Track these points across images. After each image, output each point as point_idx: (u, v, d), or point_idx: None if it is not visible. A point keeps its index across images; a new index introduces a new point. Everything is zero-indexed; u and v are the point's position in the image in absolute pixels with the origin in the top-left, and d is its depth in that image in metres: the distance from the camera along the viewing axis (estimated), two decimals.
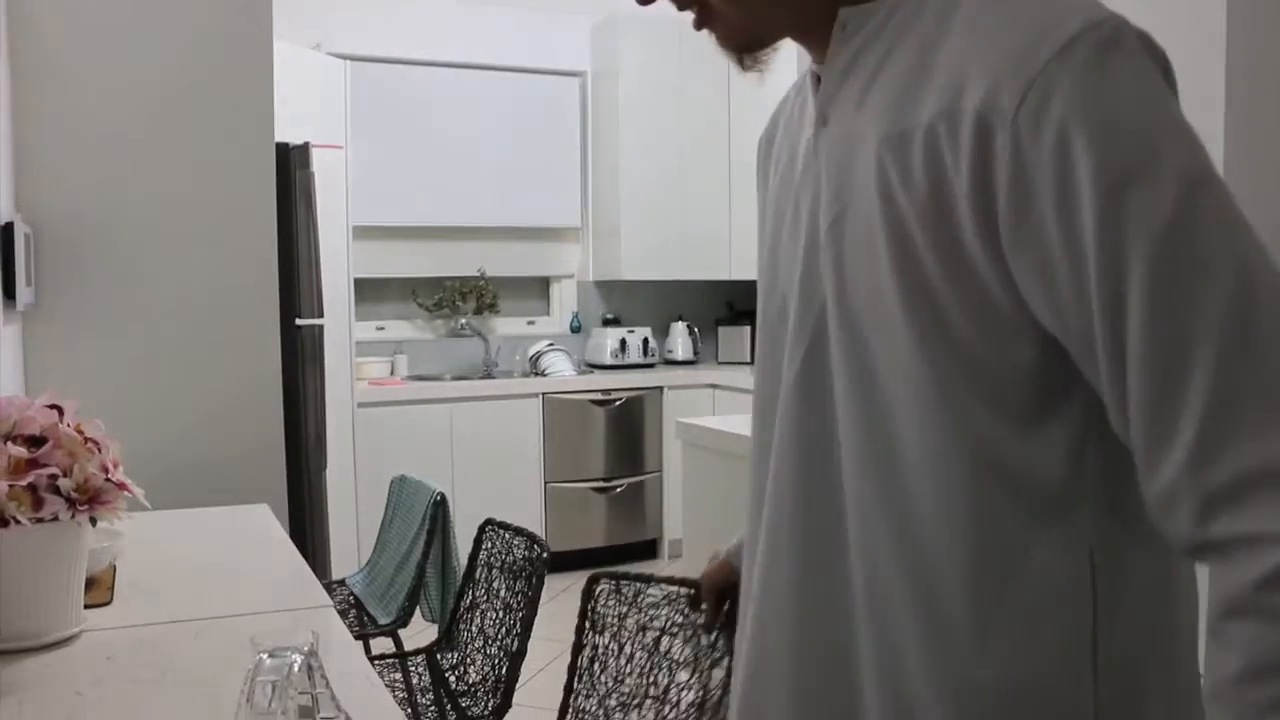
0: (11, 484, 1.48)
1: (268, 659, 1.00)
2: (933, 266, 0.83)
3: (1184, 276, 0.73)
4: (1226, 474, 0.71)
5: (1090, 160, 0.75)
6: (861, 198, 0.89)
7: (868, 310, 0.89)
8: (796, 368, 0.97)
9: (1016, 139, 0.77)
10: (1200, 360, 0.72)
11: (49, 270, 2.84)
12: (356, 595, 3.09)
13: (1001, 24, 0.81)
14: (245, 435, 3.05)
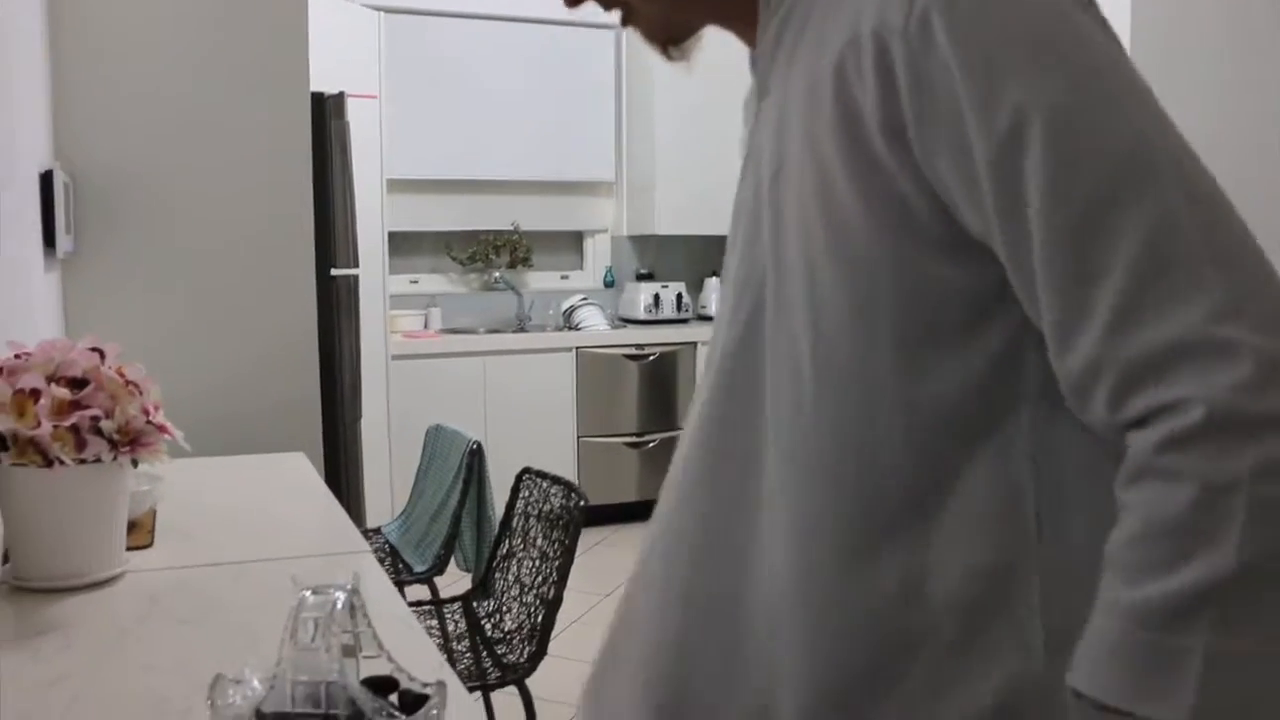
0: (55, 425, 1.49)
1: (311, 596, 1.00)
2: (852, 196, 0.79)
3: (1083, 146, 0.71)
4: (1145, 346, 0.68)
5: (979, 54, 0.72)
6: (792, 149, 0.86)
7: (800, 257, 0.84)
8: (737, 330, 0.92)
9: (910, 49, 0.75)
10: (1114, 228, 0.69)
11: (87, 219, 2.86)
12: (392, 543, 3.11)
13: None
14: (281, 384, 3.07)
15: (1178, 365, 0.67)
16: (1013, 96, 0.71)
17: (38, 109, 2.55)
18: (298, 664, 0.97)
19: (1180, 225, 0.69)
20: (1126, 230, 0.69)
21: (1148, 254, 0.68)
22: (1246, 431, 0.65)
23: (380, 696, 1.02)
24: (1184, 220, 0.69)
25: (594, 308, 5.80)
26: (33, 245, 2.30)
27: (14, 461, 1.50)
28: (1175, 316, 0.67)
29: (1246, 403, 0.65)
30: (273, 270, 3.07)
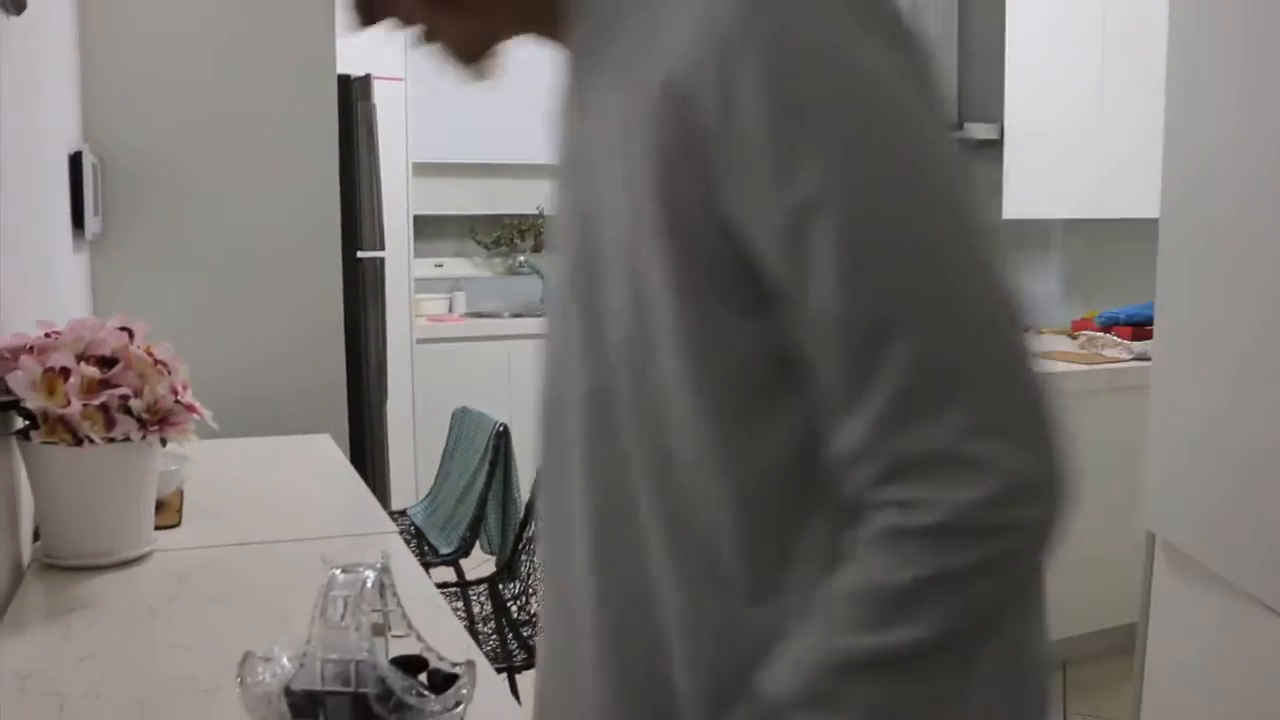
0: (85, 403, 1.49)
1: (341, 574, 0.99)
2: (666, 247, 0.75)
3: (876, 246, 0.70)
4: (908, 447, 0.70)
5: (785, 117, 0.69)
6: (596, 186, 0.82)
7: (625, 302, 0.79)
8: (548, 385, 0.92)
9: (711, 101, 0.71)
10: (895, 334, 0.70)
11: (115, 201, 2.86)
12: (417, 525, 3.12)
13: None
14: (307, 366, 3.07)
15: (932, 471, 0.70)
16: (812, 173, 0.69)
17: (67, 91, 2.55)
18: (327, 642, 0.97)
19: (957, 339, 0.71)
20: (907, 337, 0.69)
21: (922, 365, 0.70)
22: (975, 536, 0.70)
23: (409, 675, 1.02)
24: (962, 334, 0.71)
25: None
26: (61, 227, 2.30)
27: (44, 440, 1.51)
28: (937, 427, 0.70)
29: (981, 516, 0.70)
30: (299, 252, 3.07)
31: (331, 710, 0.95)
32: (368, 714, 0.95)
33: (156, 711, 1.14)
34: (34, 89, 1.98)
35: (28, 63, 1.91)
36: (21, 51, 1.85)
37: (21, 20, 1.76)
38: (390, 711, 0.95)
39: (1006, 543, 0.72)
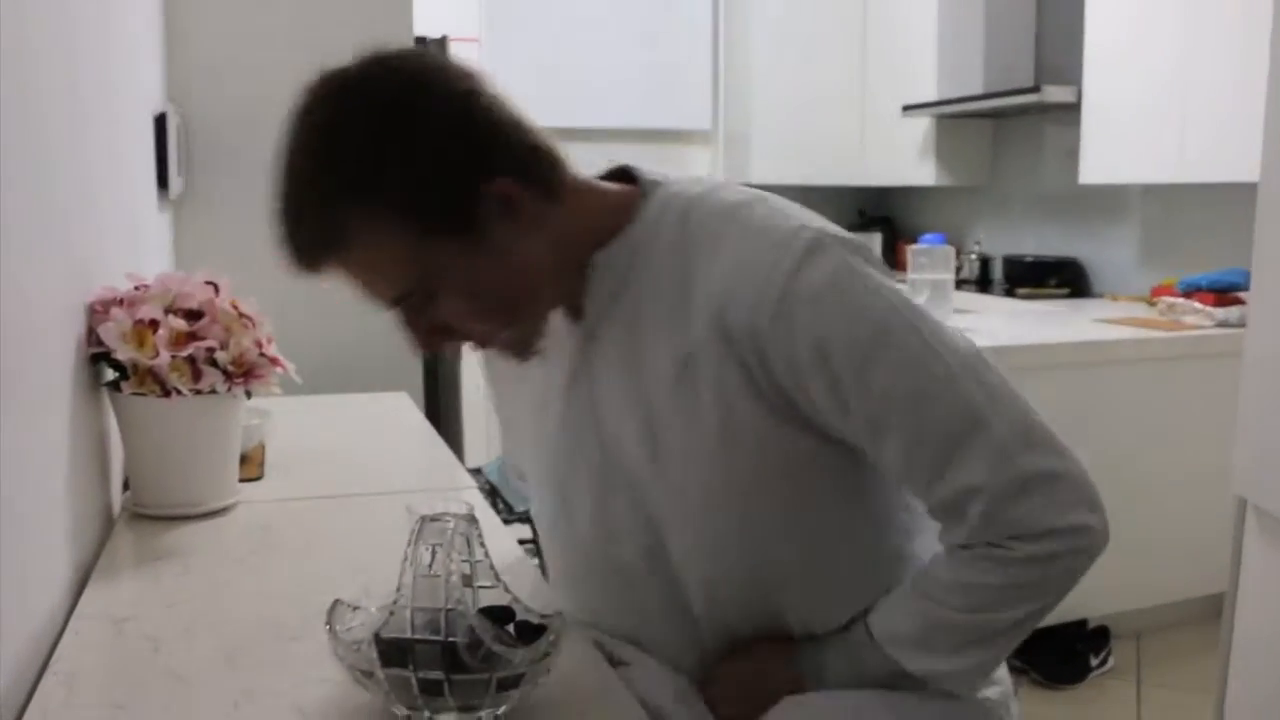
0: (173, 355, 1.51)
1: (430, 523, 1.00)
2: (759, 436, 1.13)
3: (913, 408, 1.09)
4: (1011, 515, 1.13)
5: (840, 359, 1.07)
6: (663, 407, 1.15)
7: (695, 494, 1.17)
8: (647, 544, 1.22)
9: (784, 346, 1.08)
10: (963, 458, 1.11)
11: (197, 161, 2.90)
12: (493, 483, 3.14)
13: (735, 258, 1.10)
14: (383, 324, 3.08)
15: (1021, 530, 1.13)
16: (876, 385, 1.08)
17: (152, 53, 2.58)
18: (417, 591, 0.98)
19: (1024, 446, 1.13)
20: (970, 435, 1.10)
21: (991, 462, 1.11)
22: (1042, 563, 1.14)
23: (498, 626, 1.02)
24: (1025, 442, 1.13)
25: None
26: (147, 186, 2.34)
27: (134, 391, 1.53)
28: (1023, 505, 1.12)
29: (1048, 551, 1.14)
30: None
31: (421, 658, 0.96)
32: (457, 663, 0.96)
33: (245, 656, 1.16)
34: (120, 51, 2.00)
35: (113, 26, 1.93)
36: (107, 15, 1.87)
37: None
38: (479, 661, 0.96)
39: (1065, 564, 1.15)
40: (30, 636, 1.15)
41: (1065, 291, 4.71)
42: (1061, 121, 4.83)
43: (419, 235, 1.07)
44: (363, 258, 1.10)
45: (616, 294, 1.17)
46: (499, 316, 1.14)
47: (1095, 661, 3.29)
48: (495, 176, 1.09)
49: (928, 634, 1.16)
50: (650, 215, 1.18)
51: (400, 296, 1.12)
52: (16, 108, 1.16)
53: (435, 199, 1.07)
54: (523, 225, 1.11)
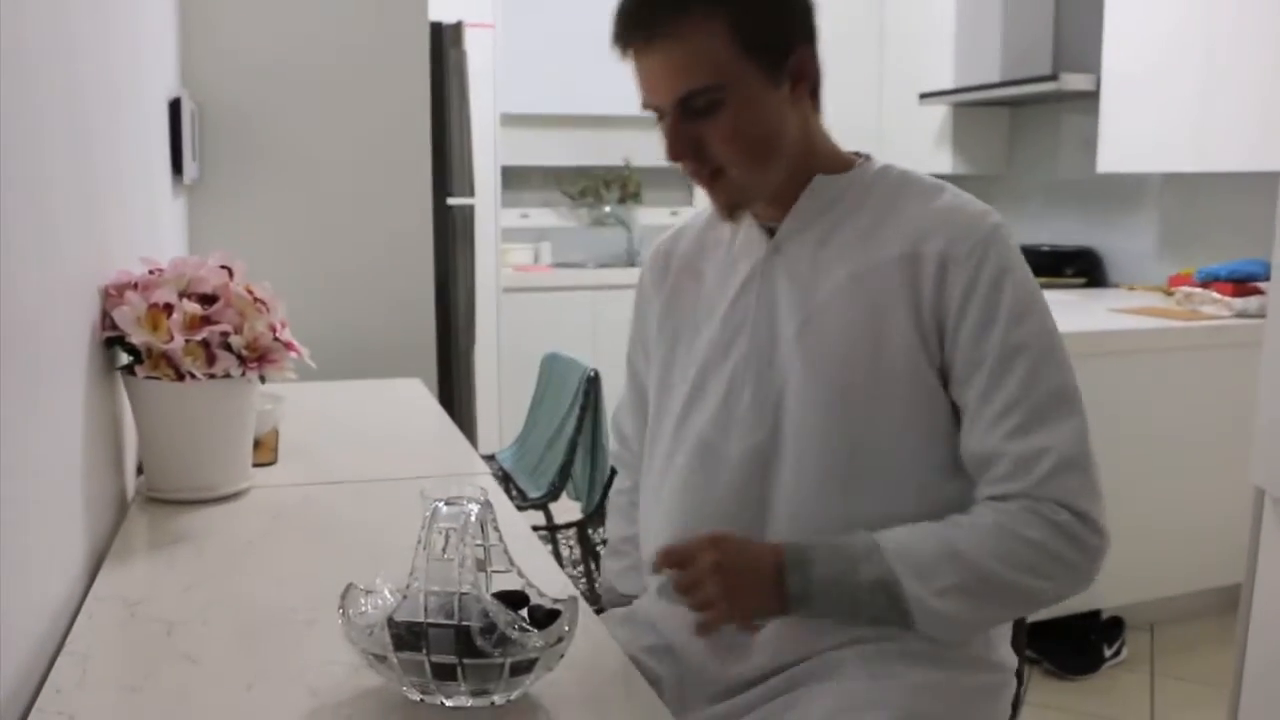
0: (187, 339, 1.51)
1: (444, 508, 1.00)
2: (885, 346, 1.27)
3: (1039, 364, 1.26)
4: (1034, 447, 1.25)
5: (1009, 296, 1.26)
6: (828, 308, 1.30)
7: (837, 386, 1.29)
8: (765, 430, 1.33)
9: (970, 272, 1.25)
10: (1056, 409, 1.26)
11: (211, 147, 2.90)
12: (506, 470, 3.14)
13: (947, 206, 1.31)
14: (398, 311, 3.09)
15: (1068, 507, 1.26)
16: (1023, 330, 1.26)
17: (166, 39, 2.58)
18: (431, 575, 0.98)
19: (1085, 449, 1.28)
20: (1065, 411, 1.26)
21: (1072, 438, 1.26)
22: (1080, 541, 1.27)
23: (512, 610, 1.02)
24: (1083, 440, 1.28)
25: None
26: (161, 171, 2.34)
27: (148, 375, 1.53)
28: (1076, 481, 1.27)
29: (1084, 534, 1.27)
30: (390, 199, 3.09)
31: (434, 642, 0.96)
32: (470, 647, 0.96)
33: (258, 640, 1.16)
34: (135, 36, 2.00)
35: (129, 10, 1.93)
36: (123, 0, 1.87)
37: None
38: (493, 645, 0.95)
39: (1082, 556, 1.25)
40: (45, 618, 1.15)
41: (1081, 281, 4.68)
42: (1079, 109, 4.80)
43: (738, 50, 1.24)
44: (690, 44, 1.25)
45: (815, 219, 1.34)
46: (750, 153, 1.29)
47: (1109, 652, 3.28)
48: (807, 47, 1.30)
49: (938, 562, 1.21)
50: (870, 170, 1.37)
51: (695, 92, 1.26)
52: (33, 93, 1.15)
53: (765, 32, 1.26)
54: (798, 100, 1.30)
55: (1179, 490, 3.44)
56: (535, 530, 2.58)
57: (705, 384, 1.40)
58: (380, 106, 3.05)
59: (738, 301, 1.39)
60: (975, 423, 1.26)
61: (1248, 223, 4.07)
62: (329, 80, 3.00)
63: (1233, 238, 4.11)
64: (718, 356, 1.39)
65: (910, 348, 1.27)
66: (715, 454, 1.37)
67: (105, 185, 1.60)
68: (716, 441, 1.37)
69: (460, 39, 3.48)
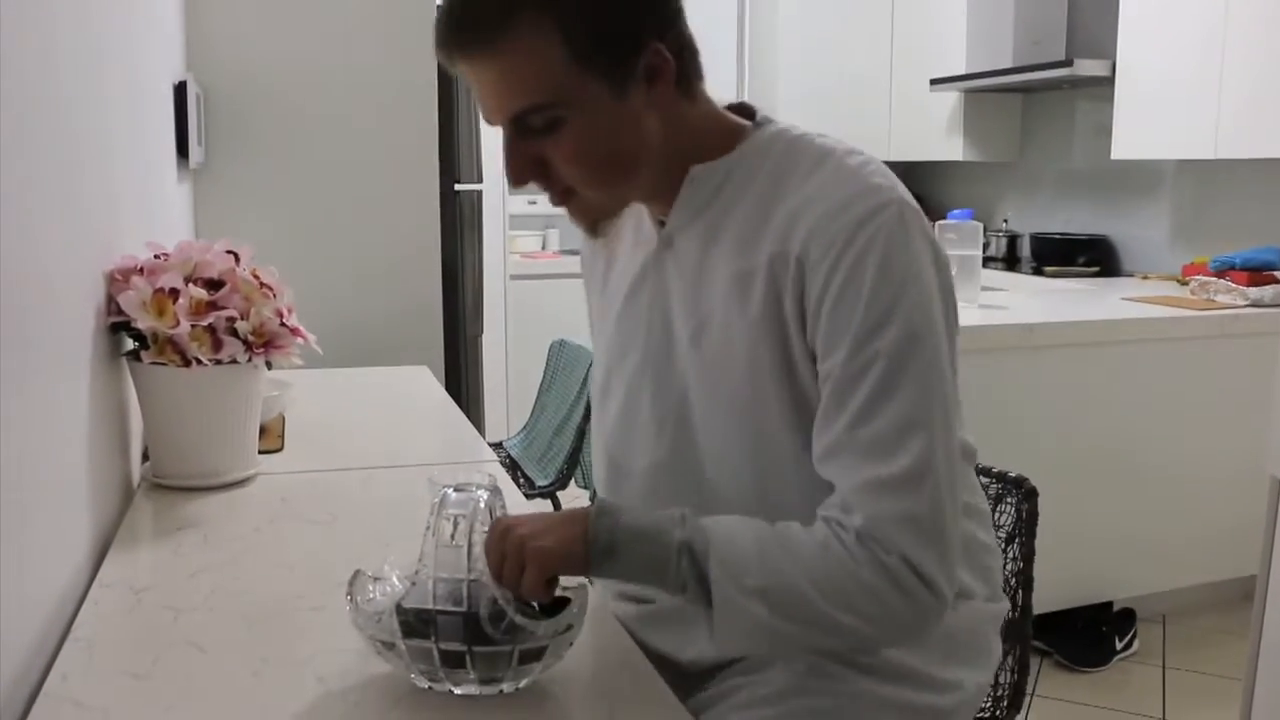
0: (193, 324, 1.50)
1: (453, 493, 0.98)
2: (771, 357, 1.16)
3: (888, 384, 1.09)
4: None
5: (863, 303, 1.09)
6: (712, 316, 1.20)
7: (727, 391, 1.20)
8: (666, 444, 1.26)
9: (823, 276, 1.11)
10: (897, 407, 1.10)
11: (217, 131, 2.88)
12: (513, 457, 3.13)
13: (818, 191, 1.14)
14: (405, 297, 3.08)
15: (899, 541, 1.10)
16: (876, 343, 1.10)
17: (171, 22, 2.56)
18: (439, 561, 0.96)
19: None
20: (912, 442, 1.09)
21: (899, 483, 1.09)
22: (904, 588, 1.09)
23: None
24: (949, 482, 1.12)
25: None
26: (167, 155, 2.32)
27: (154, 360, 1.52)
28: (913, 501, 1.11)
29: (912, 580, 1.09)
30: (397, 184, 3.07)
31: (443, 629, 0.94)
32: (479, 634, 0.94)
33: (265, 626, 1.15)
34: (140, 19, 1.98)
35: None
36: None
37: None
38: (502, 633, 0.94)
39: (903, 607, 1.08)
40: (51, 604, 1.14)
41: (1094, 270, 4.65)
42: (1094, 96, 4.77)
43: (573, 60, 1.09)
44: (514, 57, 1.09)
45: (701, 210, 1.22)
46: (599, 173, 1.16)
47: (1120, 645, 3.26)
48: (657, 43, 1.13)
49: (750, 559, 1.07)
50: (754, 146, 1.22)
51: (527, 110, 1.12)
52: (39, 76, 1.14)
53: (603, 35, 1.10)
54: (656, 101, 1.15)
55: (1192, 481, 3.42)
56: None
57: (609, 390, 1.35)
58: (387, 91, 3.04)
59: (631, 301, 1.30)
60: (815, 440, 1.14)
61: (1263, 211, 4.04)
62: (335, 64, 2.99)
63: (1248, 226, 4.08)
64: (615, 361, 1.33)
65: (786, 358, 1.16)
66: (619, 470, 1.32)
67: (110, 169, 1.58)
68: (619, 457, 1.32)
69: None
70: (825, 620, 1.07)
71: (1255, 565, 2.12)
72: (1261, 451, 2.07)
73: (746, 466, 1.20)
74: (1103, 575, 3.37)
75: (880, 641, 1.18)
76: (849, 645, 1.18)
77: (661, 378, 1.26)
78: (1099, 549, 3.33)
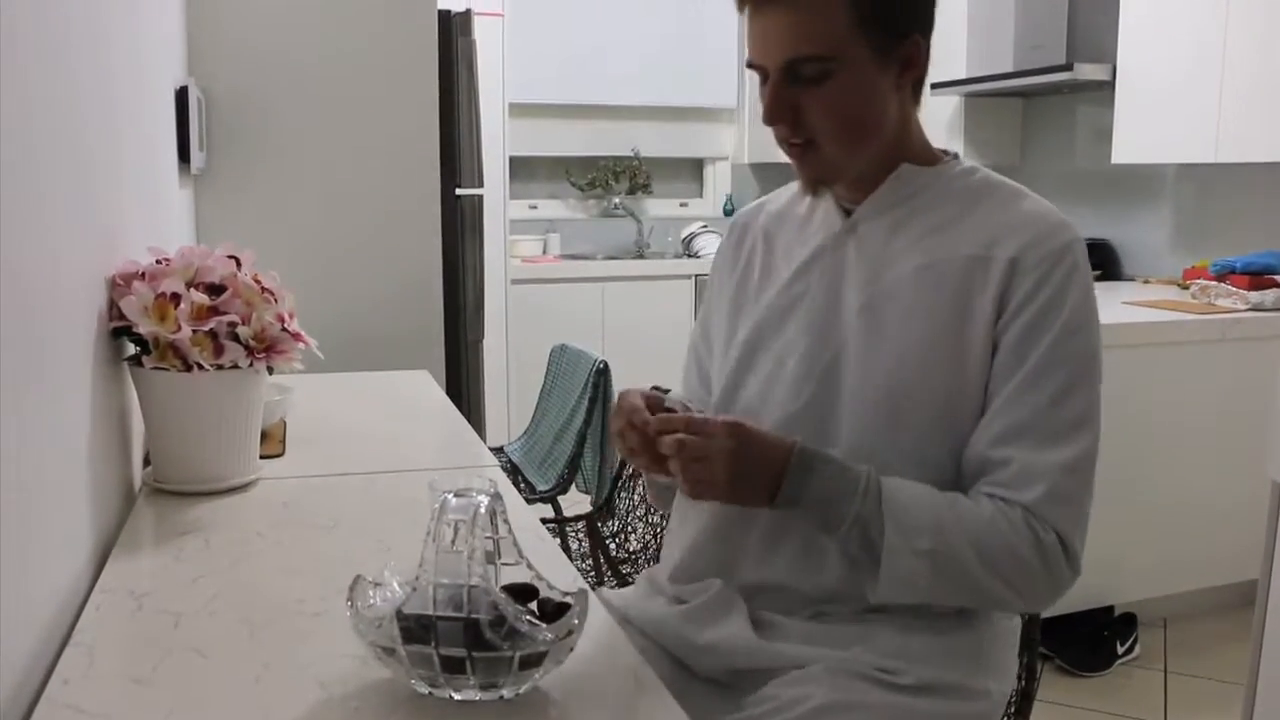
0: (195, 329, 1.50)
1: (453, 499, 0.98)
2: (946, 341, 1.28)
3: (1074, 382, 1.27)
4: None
5: (1068, 309, 1.27)
6: (891, 295, 1.32)
7: (889, 363, 1.30)
8: (805, 398, 1.35)
9: (1037, 278, 1.27)
10: (1068, 417, 1.27)
11: (218, 136, 2.89)
12: (514, 462, 3.13)
13: (1029, 214, 1.33)
14: (406, 302, 3.08)
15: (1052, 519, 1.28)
16: (1070, 345, 1.27)
17: (173, 27, 2.57)
18: (440, 567, 0.96)
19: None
20: (1082, 436, 1.27)
21: (1080, 465, 1.27)
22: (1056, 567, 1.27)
23: (521, 603, 1.00)
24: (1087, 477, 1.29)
25: (713, 235, 5.74)
26: (168, 160, 2.33)
27: (155, 365, 1.52)
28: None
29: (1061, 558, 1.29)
30: (399, 188, 3.08)
31: (443, 635, 0.95)
32: (480, 640, 0.94)
33: (266, 632, 1.15)
34: (141, 24, 1.99)
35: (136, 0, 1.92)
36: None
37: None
38: (503, 639, 0.94)
39: (1051, 578, 1.26)
40: (52, 609, 1.14)
41: (1096, 274, 4.63)
42: (1094, 100, 4.77)
43: (855, 25, 1.24)
44: (808, 9, 1.24)
45: (893, 206, 1.35)
46: (845, 130, 1.29)
47: (1122, 649, 3.26)
48: (920, 37, 1.29)
49: (925, 526, 1.23)
50: (956, 168, 1.38)
51: (804, 58, 1.25)
52: (43, 80, 1.14)
53: (885, 12, 1.25)
54: (900, 88, 1.30)
55: (1193, 484, 3.42)
56: (544, 523, 2.58)
57: (756, 351, 1.42)
58: (389, 96, 3.04)
59: (802, 272, 1.40)
60: (995, 420, 1.28)
61: (1264, 215, 4.04)
62: (337, 69, 2.99)
63: (1248, 230, 4.08)
64: (774, 321, 1.41)
65: (964, 349, 1.28)
66: (770, 411, 1.38)
67: (112, 174, 1.58)
68: (757, 408, 1.39)
69: (469, 28, 3.46)
70: (980, 585, 1.24)
71: (1256, 570, 2.12)
72: (1262, 455, 2.07)
73: (880, 435, 1.31)
74: (1104, 580, 3.36)
75: (1019, 607, 1.34)
76: (992, 605, 1.32)
77: (819, 338, 1.36)
78: (1100, 553, 3.31)
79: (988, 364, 1.29)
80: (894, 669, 1.29)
